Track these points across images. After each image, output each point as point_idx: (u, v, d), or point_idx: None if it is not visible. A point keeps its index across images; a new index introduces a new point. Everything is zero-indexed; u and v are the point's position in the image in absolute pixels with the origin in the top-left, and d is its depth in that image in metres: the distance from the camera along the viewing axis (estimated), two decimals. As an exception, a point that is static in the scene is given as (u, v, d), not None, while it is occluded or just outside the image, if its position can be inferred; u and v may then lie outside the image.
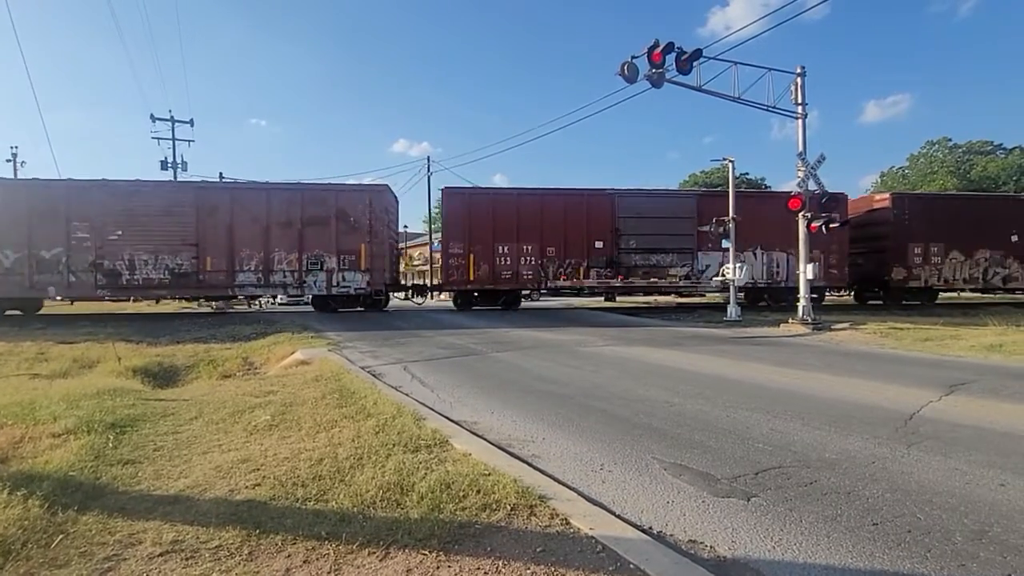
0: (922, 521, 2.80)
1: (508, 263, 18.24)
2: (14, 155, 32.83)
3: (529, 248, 18.29)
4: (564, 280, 18.50)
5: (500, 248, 18.17)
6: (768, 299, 20.33)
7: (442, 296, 22.80)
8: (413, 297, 21.11)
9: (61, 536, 2.62)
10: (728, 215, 17.41)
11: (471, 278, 18.10)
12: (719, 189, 20.04)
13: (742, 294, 22.34)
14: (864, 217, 20.97)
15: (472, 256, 18.06)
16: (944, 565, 2.37)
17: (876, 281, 20.95)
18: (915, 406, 5.20)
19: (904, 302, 20.78)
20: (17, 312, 16.71)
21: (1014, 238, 18.44)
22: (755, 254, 19.41)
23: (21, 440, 4.20)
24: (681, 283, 19.27)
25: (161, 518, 2.84)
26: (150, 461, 3.81)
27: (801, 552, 2.50)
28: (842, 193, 20.04)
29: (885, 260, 20.33)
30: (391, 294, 20.46)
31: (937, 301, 21.52)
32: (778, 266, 19.57)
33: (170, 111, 31.24)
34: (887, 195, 21.12)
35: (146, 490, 3.27)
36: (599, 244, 18.65)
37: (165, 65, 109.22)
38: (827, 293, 22.42)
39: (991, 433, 4.37)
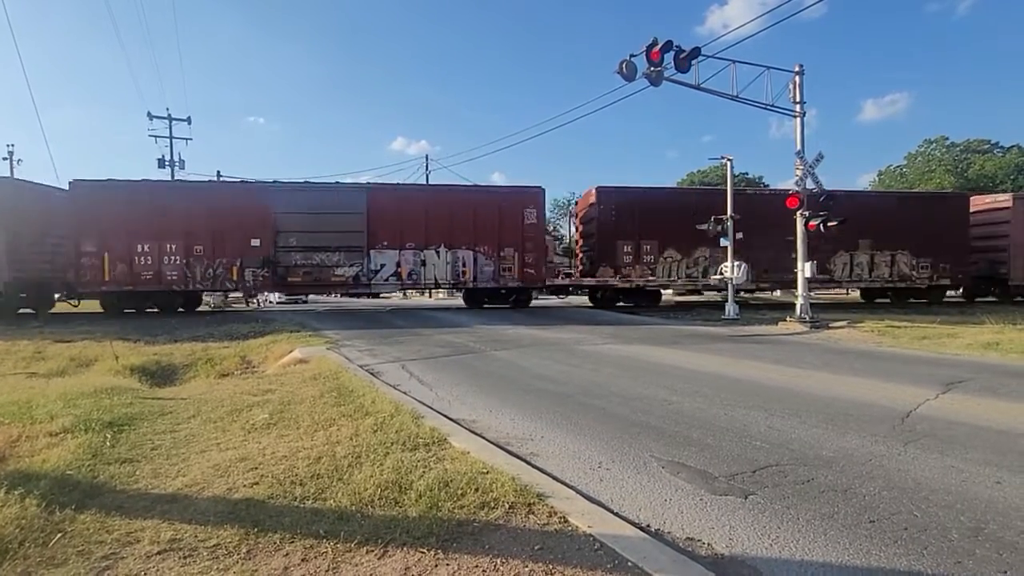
0: (919, 518, 2.81)
1: (149, 263, 16.63)
2: (10, 153, 32.75)
3: (173, 247, 16.71)
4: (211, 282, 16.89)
5: (140, 247, 16.56)
6: (467, 300, 19.53)
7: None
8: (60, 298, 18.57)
9: (59, 535, 2.62)
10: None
11: (106, 279, 16.43)
12: (391, 184, 18.96)
13: (442, 294, 21.30)
14: (588, 212, 19.93)
15: (107, 256, 16.39)
16: (940, 562, 2.39)
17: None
18: (912, 404, 5.22)
19: (619, 304, 19.53)
20: None
21: (739, 235, 17.01)
22: (438, 252, 18.10)
23: (18, 439, 4.19)
24: (351, 284, 17.76)
25: (159, 517, 2.84)
26: (148, 460, 3.80)
27: (798, 550, 2.51)
28: (538, 187, 18.83)
29: (596, 259, 19.12)
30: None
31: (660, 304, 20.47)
32: (464, 265, 18.28)
33: (167, 109, 31.12)
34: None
35: (144, 489, 3.27)
36: (255, 242, 17.16)
37: (162, 63, 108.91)
38: (537, 294, 20.28)
39: (988, 431, 4.38)
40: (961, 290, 22.31)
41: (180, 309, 17.82)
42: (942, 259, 20.23)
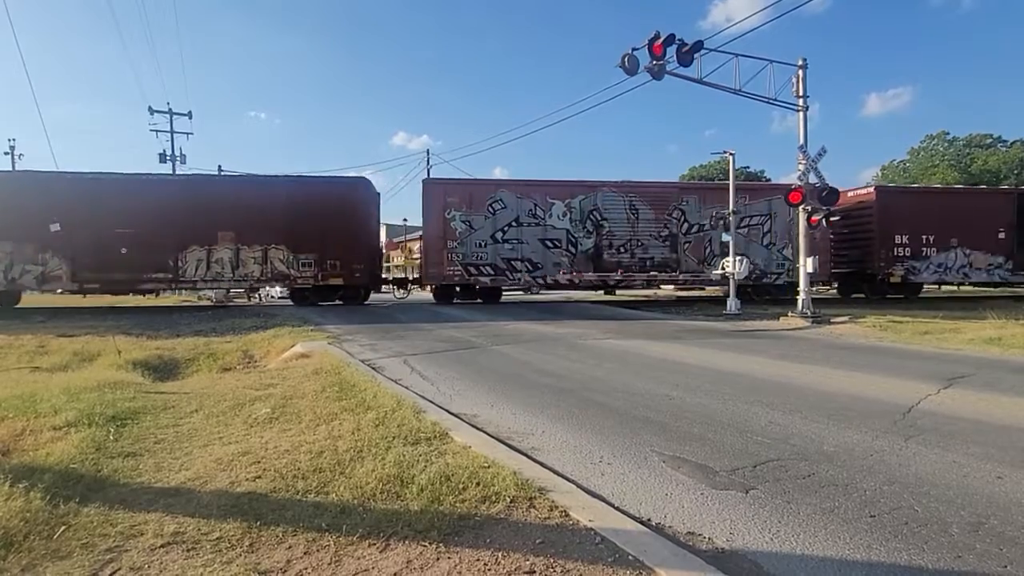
0: (919, 513, 2.81)
1: None
2: (12, 148, 32.73)
3: None
4: None
5: None
6: None
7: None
8: None
9: (63, 528, 2.64)
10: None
11: None
12: None
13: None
14: None
15: None
16: (941, 557, 2.39)
17: None
18: (913, 399, 5.22)
19: None
20: None
21: (54, 227, 14.31)
22: None
23: (22, 433, 4.21)
24: None
25: (162, 510, 2.85)
26: (151, 454, 3.82)
27: (799, 544, 2.52)
28: None
29: None
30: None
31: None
32: None
33: (168, 103, 31.02)
34: None
35: (147, 482, 3.29)
36: None
37: (163, 57, 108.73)
38: None
39: (989, 426, 4.38)
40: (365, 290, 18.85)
41: None
42: (331, 256, 17.37)
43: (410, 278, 21.57)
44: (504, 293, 20.22)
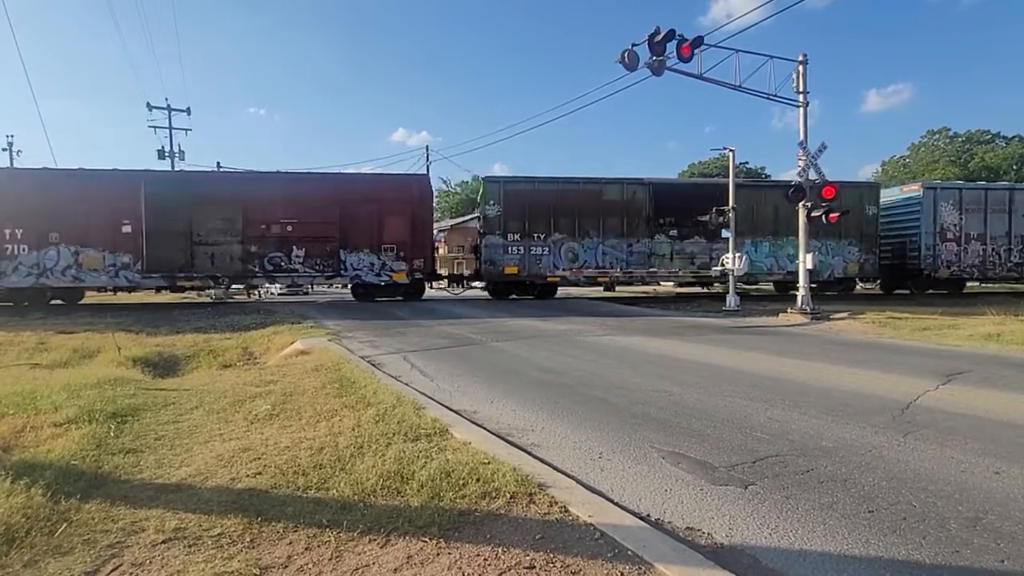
0: (917, 509, 2.83)
1: None
2: (10, 144, 32.66)
3: None
4: None
5: None
6: None
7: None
8: None
9: (65, 524, 2.65)
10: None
11: None
12: None
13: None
14: None
15: None
16: (939, 552, 2.40)
17: None
18: (912, 395, 5.23)
19: None
20: None
21: None
22: None
23: (23, 429, 4.22)
24: None
25: (164, 506, 2.86)
26: (152, 450, 3.83)
27: (797, 539, 2.53)
28: None
29: None
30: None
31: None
32: None
33: (166, 99, 30.97)
34: None
35: (148, 479, 3.30)
36: None
37: (161, 53, 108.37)
38: None
39: (987, 422, 4.39)
40: None
41: None
42: None
43: None
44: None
